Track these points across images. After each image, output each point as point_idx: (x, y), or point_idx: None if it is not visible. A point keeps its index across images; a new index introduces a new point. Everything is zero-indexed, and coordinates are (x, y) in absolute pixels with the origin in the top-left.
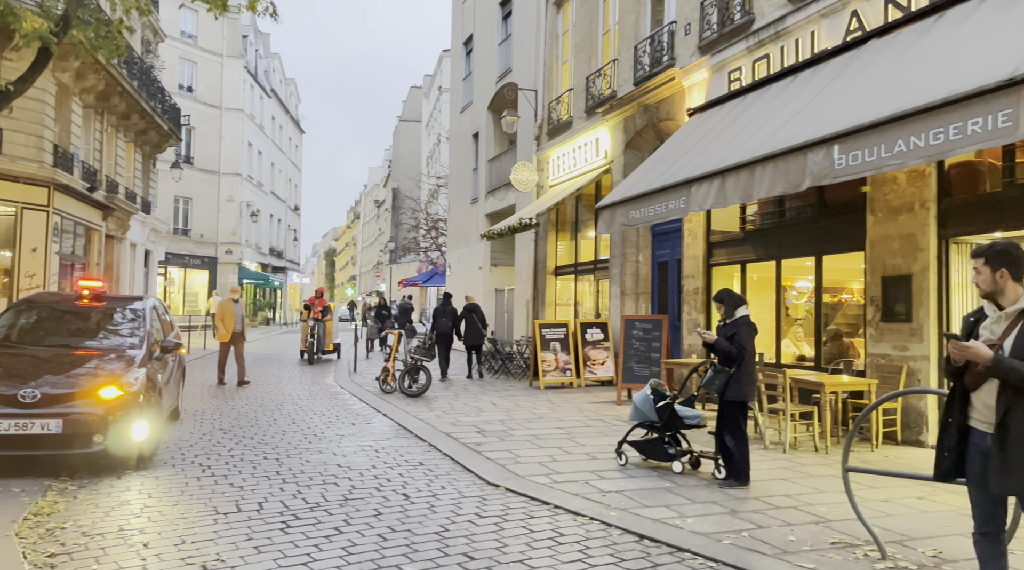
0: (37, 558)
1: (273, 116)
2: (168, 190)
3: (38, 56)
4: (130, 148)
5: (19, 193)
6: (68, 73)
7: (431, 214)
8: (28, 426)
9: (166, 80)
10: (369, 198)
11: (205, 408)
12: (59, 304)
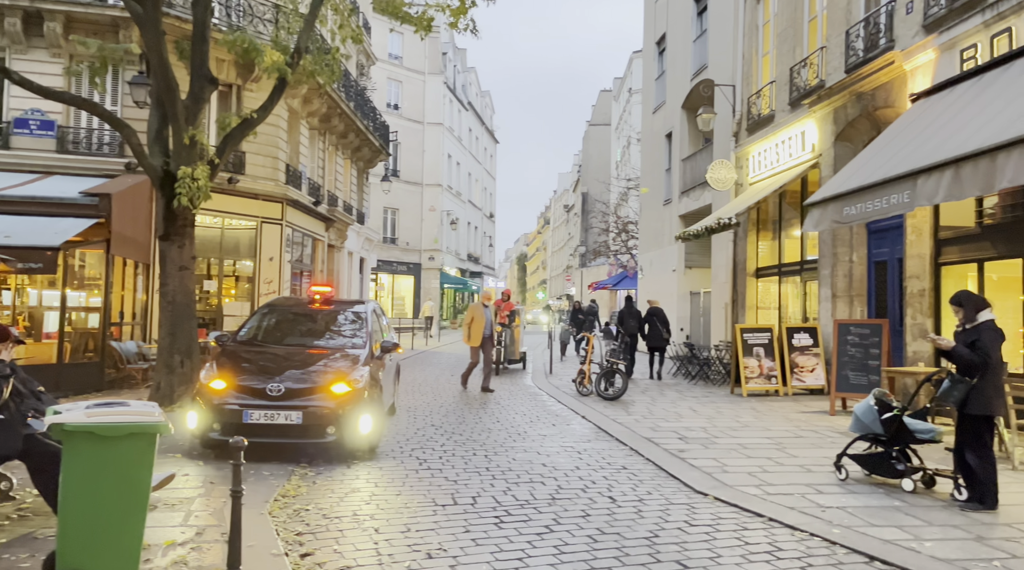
0: (288, 535)
1: (470, 128)
2: (378, 202)
3: (276, 85)
4: (347, 164)
5: (259, 209)
6: (297, 99)
7: (621, 217)
8: (275, 417)
9: (376, 100)
10: (559, 203)
11: (417, 405)
12: (295, 307)
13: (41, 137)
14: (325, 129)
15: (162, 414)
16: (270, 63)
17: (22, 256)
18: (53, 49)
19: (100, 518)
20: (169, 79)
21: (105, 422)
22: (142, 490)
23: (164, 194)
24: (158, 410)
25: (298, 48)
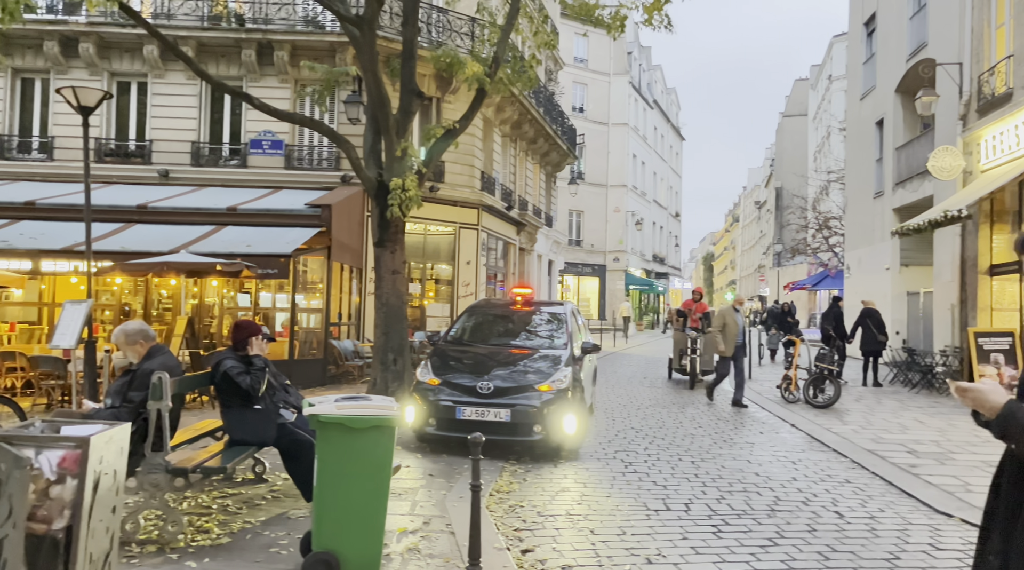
0: (506, 530)
1: (655, 126)
2: (564, 204)
3: (476, 95)
4: (536, 169)
5: (456, 215)
6: (491, 108)
7: (821, 212)
8: (485, 414)
9: (562, 104)
10: (749, 200)
11: (614, 406)
12: (498, 309)
13: (272, 155)
14: (516, 135)
15: (399, 409)
16: (470, 74)
17: (261, 263)
18: (281, 75)
19: (349, 503)
20: (382, 96)
21: (353, 414)
22: (384, 478)
23: (378, 204)
24: (396, 405)
25: (496, 58)
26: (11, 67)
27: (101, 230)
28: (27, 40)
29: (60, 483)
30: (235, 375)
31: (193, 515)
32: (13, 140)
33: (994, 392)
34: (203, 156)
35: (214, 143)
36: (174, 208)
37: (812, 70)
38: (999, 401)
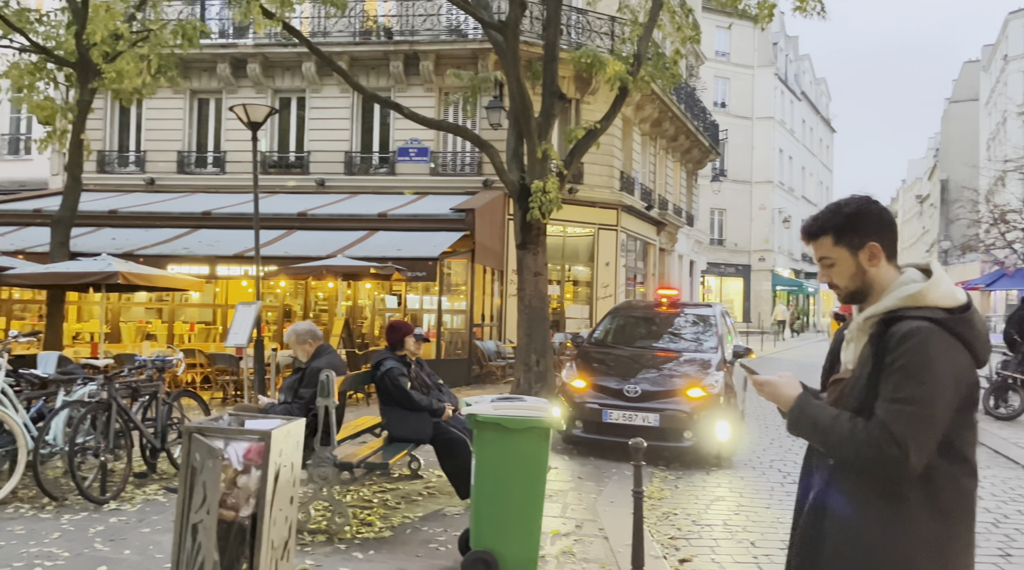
0: (661, 538)
1: (803, 119)
2: (705, 203)
3: (617, 95)
4: (676, 167)
5: (595, 216)
6: (630, 107)
7: (997, 205)
8: (632, 417)
9: (704, 99)
10: (909, 193)
11: (767, 413)
12: (643, 310)
13: (418, 162)
14: (656, 134)
15: (553, 411)
16: (612, 74)
17: (410, 266)
18: (426, 84)
19: (507, 503)
20: (524, 99)
21: (510, 415)
22: (540, 480)
23: (520, 206)
24: (551, 407)
25: (638, 56)
26: (189, 89)
27: (267, 237)
28: (202, 64)
29: (246, 473)
30: (395, 377)
31: (356, 508)
32: (191, 156)
33: (788, 385)
34: (355, 165)
35: (365, 152)
36: (330, 215)
37: (984, 51)
38: (791, 395)
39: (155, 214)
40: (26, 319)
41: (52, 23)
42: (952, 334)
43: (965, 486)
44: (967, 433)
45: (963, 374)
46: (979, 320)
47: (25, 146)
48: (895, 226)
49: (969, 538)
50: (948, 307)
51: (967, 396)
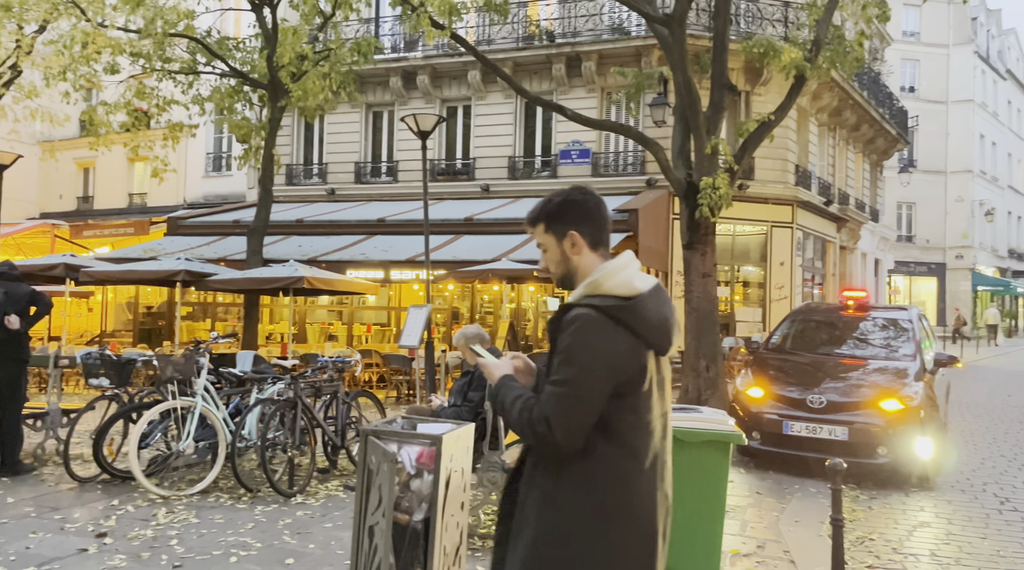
0: (855, 565)
1: (1009, 100)
2: (892, 196)
3: (793, 84)
4: (858, 158)
5: (768, 213)
6: (806, 96)
7: None
8: (817, 430)
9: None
10: None
11: (975, 428)
12: (826, 314)
13: (580, 164)
14: (835, 123)
15: (733, 424)
16: (788, 61)
17: None
18: (589, 85)
19: (682, 519)
20: (692, 94)
21: (686, 427)
22: (720, 497)
23: (687, 205)
24: (730, 420)
25: (816, 40)
26: (365, 103)
27: (436, 242)
28: (376, 78)
29: (418, 477)
30: None
31: None
32: (367, 166)
33: (499, 367)
34: (518, 169)
35: (527, 157)
36: (495, 219)
37: None
38: (496, 375)
39: (335, 222)
40: (227, 320)
41: (247, 49)
42: (615, 321)
43: (624, 467)
44: (629, 416)
45: (622, 359)
46: (652, 308)
47: (226, 163)
48: (600, 217)
49: (628, 518)
50: (622, 295)
51: (629, 380)
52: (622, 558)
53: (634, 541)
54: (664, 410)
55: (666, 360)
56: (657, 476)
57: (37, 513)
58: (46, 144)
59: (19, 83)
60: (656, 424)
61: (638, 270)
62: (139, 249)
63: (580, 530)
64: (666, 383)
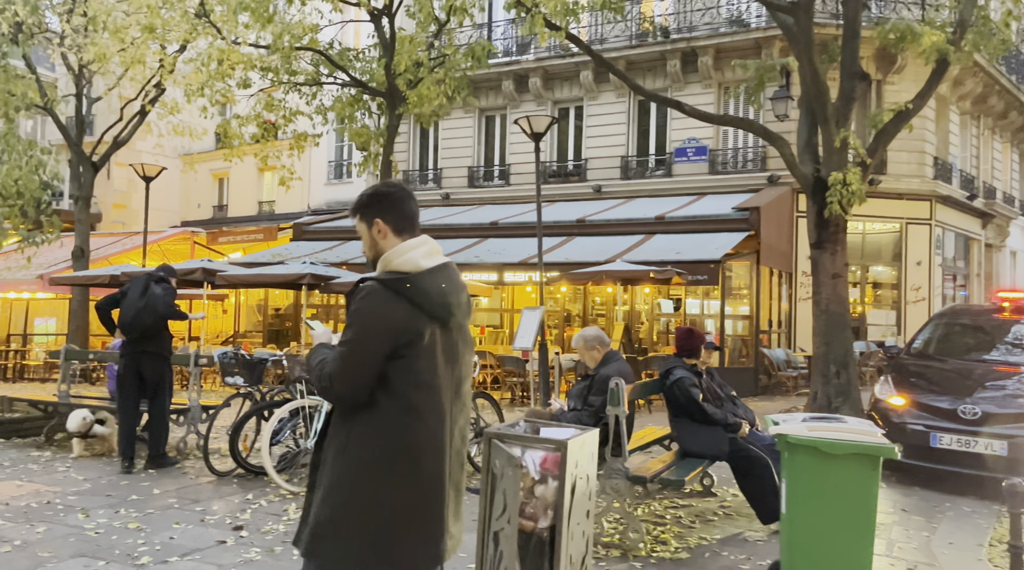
0: None
1: None
2: None
3: (934, 70)
4: (1006, 148)
5: (902, 209)
6: (946, 82)
7: None
8: (970, 444)
9: None
10: None
11: None
12: (975, 316)
13: (696, 162)
14: (979, 111)
15: (881, 434)
16: (929, 45)
17: (691, 269)
18: (705, 81)
19: (825, 538)
20: (819, 84)
21: (828, 438)
22: (868, 515)
23: (815, 201)
24: (877, 430)
25: (961, 22)
26: (477, 107)
27: (548, 244)
28: (489, 83)
29: (543, 483)
30: (687, 387)
31: (648, 523)
32: (480, 170)
33: (318, 336)
34: (631, 169)
35: (640, 156)
36: (607, 220)
37: None
38: (314, 342)
39: (450, 226)
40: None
41: (366, 59)
42: (395, 292)
43: (403, 421)
44: (407, 375)
45: (398, 325)
46: (431, 283)
47: (347, 170)
48: (404, 207)
49: (409, 466)
50: (405, 271)
51: (406, 344)
52: (402, 500)
53: (415, 486)
54: (457, 375)
55: (459, 331)
56: (443, 431)
57: (180, 505)
58: (186, 157)
59: (162, 100)
60: (440, 384)
61: (429, 251)
62: (268, 254)
63: (365, 476)
64: (458, 351)
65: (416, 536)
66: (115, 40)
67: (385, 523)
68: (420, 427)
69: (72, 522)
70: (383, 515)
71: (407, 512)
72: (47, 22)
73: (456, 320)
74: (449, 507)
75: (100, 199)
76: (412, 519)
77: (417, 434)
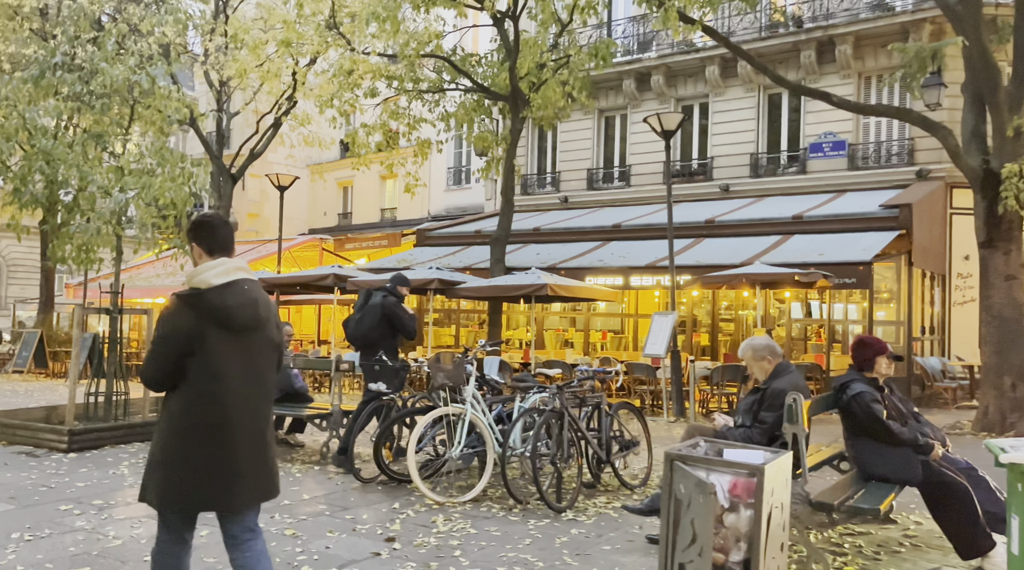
0: None
1: None
2: None
3: None
4: None
5: None
6: None
7: None
8: None
9: None
10: None
11: None
12: None
13: (833, 158)
14: None
15: None
16: None
17: (837, 271)
18: (843, 71)
19: None
20: (990, 67)
21: None
22: None
23: (984, 196)
24: None
25: None
26: (597, 108)
27: (676, 246)
28: (609, 83)
29: (733, 512)
30: (868, 403)
31: (827, 553)
32: (599, 172)
33: None
34: (761, 167)
35: (771, 153)
36: (738, 221)
37: None
38: None
39: (570, 229)
40: (468, 326)
41: (488, 63)
42: (186, 304)
43: (196, 403)
44: (198, 367)
45: (189, 331)
46: (216, 297)
47: (465, 176)
48: (214, 232)
49: (201, 436)
50: (197, 287)
51: (198, 345)
52: (198, 461)
53: (209, 451)
54: (255, 369)
55: (253, 334)
56: (232, 411)
57: (330, 512)
58: (314, 167)
59: (294, 113)
60: (228, 374)
61: (221, 272)
62: (393, 260)
63: (170, 441)
64: (253, 351)
65: (208, 486)
66: (253, 56)
67: (188, 476)
68: (212, 407)
69: None
70: (185, 470)
71: (202, 469)
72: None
73: (241, 325)
74: (242, 467)
75: (236, 209)
76: (206, 474)
77: (210, 412)
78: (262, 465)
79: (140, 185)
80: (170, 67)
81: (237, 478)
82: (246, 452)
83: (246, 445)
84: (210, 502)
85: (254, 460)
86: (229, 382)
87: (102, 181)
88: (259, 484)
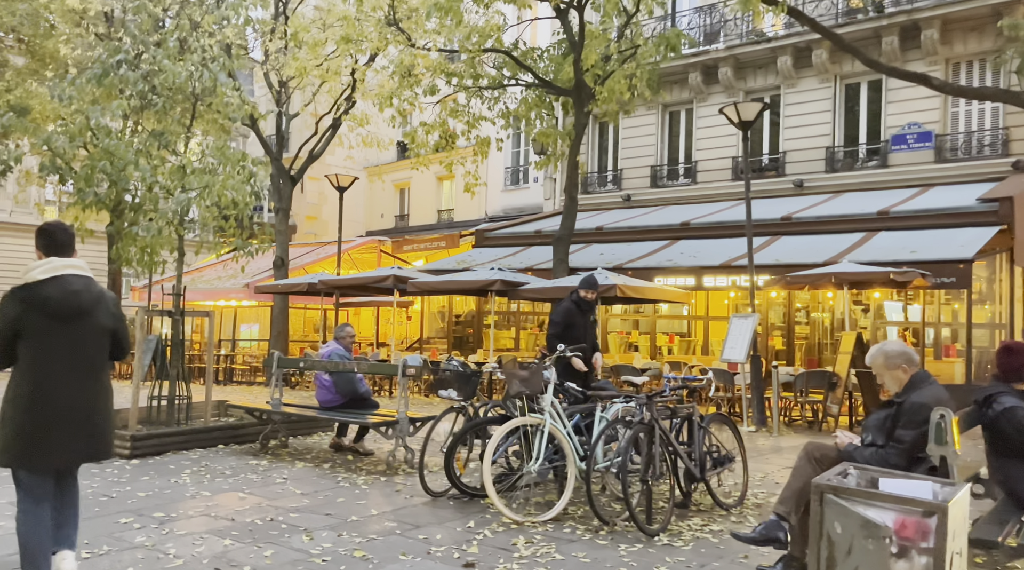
0: None
1: None
2: None
3: None
4: None
5: None
6: None
7: None
8: None
9: None
10: None
11: None
12: None
13: (918, 150)
14: None
15: None
16: None
17: (934, 270)
18: (929, 56)
19: None
20: None
21: None
22: None
23: None
24: None
25: None
26: (660, 103)
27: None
28: (673, 76)
29: (903, 558)
30: (1021, 420)
31: None
32: (663, 169)
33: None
34: (838, 161)
35: (849, 146)
36: (816, 217)
37: None
38: None
39: (635, 228)
40: (527, 329)
41: (550, 57)
42: (14, 295)
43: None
44: (25, 348)
45: (17, 318)
46: (40, 290)
47: (523, 176)
48: (53, 238)
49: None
50: (26, 282)
51: (23, 329)
52: (22, 425)
53: (31, 418)
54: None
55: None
56: (53, 385)
57: (400, 530)
58: (371, 169)
59: (352, 114)
60: (52, 355)
61: (47, 269)
62: (452, 261)
63: (9, 408)
64: (79, 335)
65: (31, 448)
66: (312, 55)
67: (13, 437)
68: (37, 382)
69: (297, 545)
70: (12, 432)
71: (25, 432)
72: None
73: (63, 313)
74: (54, 432)
75: (294, 211)
76: (29, 436)
77: (35, 386)
78: (78, 431)
79: (202, 184)
80: (232, 64)
81: (51, 441)
82: (61, 420)
83: (62, 414)
84: (34, 460)
85: (68, 427)
86: (50, 360)
87: (164, 181)
88: (75, 447)
